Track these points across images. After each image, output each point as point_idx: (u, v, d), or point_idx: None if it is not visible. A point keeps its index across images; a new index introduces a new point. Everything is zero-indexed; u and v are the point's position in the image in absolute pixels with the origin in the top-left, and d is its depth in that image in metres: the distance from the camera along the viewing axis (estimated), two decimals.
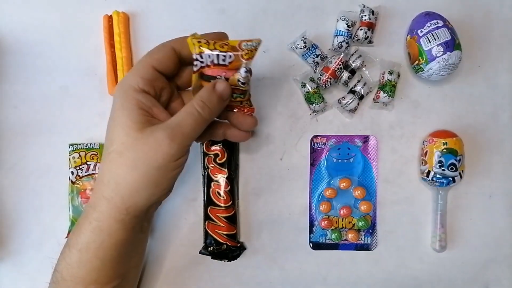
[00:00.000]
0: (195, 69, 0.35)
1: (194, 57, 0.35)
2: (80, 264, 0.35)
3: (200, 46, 0.34)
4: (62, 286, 0.35)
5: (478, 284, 0.46)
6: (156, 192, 0.34)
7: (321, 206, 0.45)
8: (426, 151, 0.45)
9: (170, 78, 0.37)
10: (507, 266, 0.46)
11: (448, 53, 0.42)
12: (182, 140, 0.33)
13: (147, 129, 0.33)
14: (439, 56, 0.42)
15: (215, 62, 0.35)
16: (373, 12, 0.45)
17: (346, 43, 0.45)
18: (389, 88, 0.45)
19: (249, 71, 0.35)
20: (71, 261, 0.35)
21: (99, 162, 0.45)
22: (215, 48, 0.34)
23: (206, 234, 0.44)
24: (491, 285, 0.46)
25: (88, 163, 0.45)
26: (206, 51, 0.35)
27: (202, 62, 0.35)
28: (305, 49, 0.45)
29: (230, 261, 0.45)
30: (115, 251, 0.35)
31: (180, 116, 0.34)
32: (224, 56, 0.35)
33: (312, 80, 0.45)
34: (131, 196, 0.33)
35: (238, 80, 0.35)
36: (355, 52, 0.45)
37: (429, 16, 0.43)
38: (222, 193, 0.44)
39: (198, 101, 0.34)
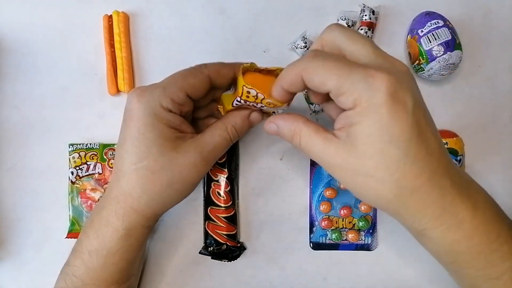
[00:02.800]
0: (233, 104, 0.36)
1: (238, 99, 0.34)
2: (104, 268, 0.35)
3: (248, 96, 0.34)
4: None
5: None
6: (182, 199, 0.37)
7: (321, 206, 0.45)
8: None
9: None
10: None
11: (448, 53, 0.42)
12: (213, 162, 0.37)
13: (181, 149, 0.34)
14: (440, 56, 0.42)
15: (256, 107, 0.36)
16: (373, 12, 0.45)
17: None
18: None
19: (287, 108, 0.36)
20: (94, 266, 0.35)
21: (99, 162, 0.45)
22: (261, 103, 0.34)
23: (206, 234, 0.44)
24: None
25: (88, 163, 0.45)
26: (250, 102, 0.34)
27: (245, 103, 0.35)
28: (306, 49, 0.45)
29: (230, 261, 0.45)
30: (139, 252, 0.38)
31: (215, 140, 0.35)
32: (267, 109, 0.36)
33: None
34: (162, 208, 0.36)
35: (273, 112, 0.37)
36: None
37: (430, 16, 0.43)
38: (222, 193, 0.44)
39: (231, 128, 0.36)
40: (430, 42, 0.42)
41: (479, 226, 0.30)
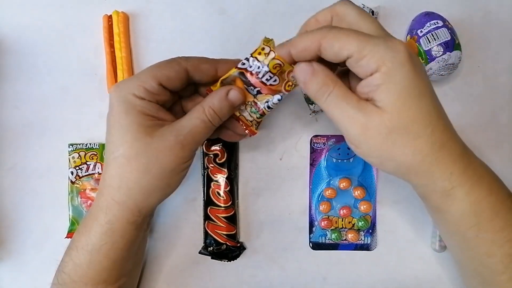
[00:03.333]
0: (238, 65, 0.35)
1: (247, 57, 0.34)
2: (90, 265, 0.35)
3: (259, 52, 0.34)
4: (71, 286, 0.36)
5: None
6: (167, 191, 0.35)
7: (321, 206, 0.45)
8: None
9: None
10: None
11: (447, 53, 0.42)
12: (192, 146, 0.34)
13: (156, 133, 0.33)
14: (439, 56, 0.42)
15: (259, 75, 0.35)
16: (372, 12, 0.45)
17: None
18: None
19: (281, 99, 0.36)
20: (80, 263, 0.35)
21: (99, 162, 0.45)
22: (268, 65, 0.34)
23: (206, 234, 0.45)
24: None
25: (87, 163, 0.45)
26: (258, 61, 0.34)
27: (250, 66, 0.34)
28: None
29: (230, 261, 0.45)
30: (126, 251, 0.36)
31: (191, 122, 0.34)
32: (270, 77, 0.35)
33: None
34: (144, 199, 0.34)
35: (267, 102, 0.36)
36: None
37: (429, 16, 0.43)
38: (222, 193, 0.44)
39: (209, 109, 0.34)
40: (430, 43, 0.42)
41: (494, 183, 0.32)
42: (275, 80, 0.35)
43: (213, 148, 0.45)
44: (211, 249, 0.44)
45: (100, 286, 0.36)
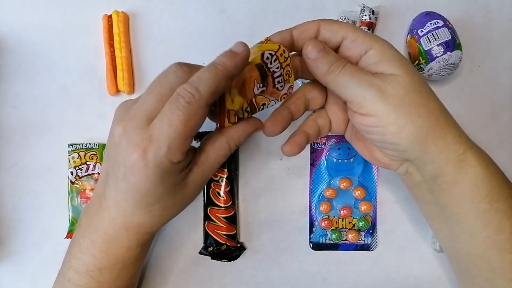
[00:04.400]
0: (264, 58, 0.33)
1: (270, 52, 0.33)
2: (118, 278, 0.36)
3: (281, 54, 0.33)
4: None
5: None
6: (171, 215, 0.37)
7: (321, 206, 0.45)
8: None
9: None
10: None
11: (448, 53, 0.42)
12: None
13: (190, 183, 0.34)
14: (439, 56, 0.42)
15: (274, 75, 0.34)
16: (373, 12, 0.45)
17: None
18: None
19: (272, 106, 0.36)
20: (107, 279, 0.36)
21: (98, 162, 0.45)
22: (284, 69, 0.34)
23: (206, 235, 0.44)
24: None
25: (87, 163, 0.45)
26: (279, 62, 0.34)
27: (271, 63, 0.33)
28: None
29: (230, 261, 0.45)
30: (142, 263, 0.40)
31: (218, 160, 0.35)
32: (280, 81, 0.35)
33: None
34: (152, 226, 0.36)
35: (264, 104, 0.35)
36: None
37: (429, 16, 0.43)
38: (222, 193, 0.44)
39: (233, 145, 0.35)
40: (430, 42, 0.42)
41: (486, 161, 0.34)
42: (281, 86, 0.35)
43: None
44: (211, 249, 0.44)
45: None
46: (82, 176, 0.45)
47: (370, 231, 0.46)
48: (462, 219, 0.34)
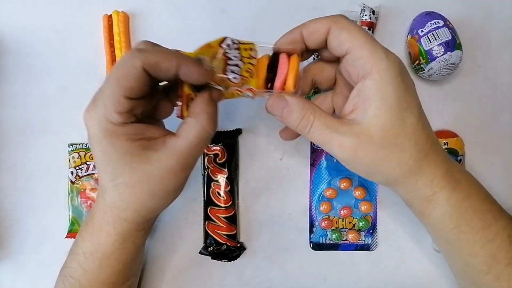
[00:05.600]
0: (223, 45, 0.33)
1: (234, 41, 0.34)
2: (101, 270, 0.35)
3: (250, 48, 0.33)
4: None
5: None
6: (172, 200, 0.35)
7: (321, 206, 0.45)
8: None
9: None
10: None
11: (448, 53, 0.42)
12: (194, 163, 0.33)
13: (154, 159, 0.31)
14: (440, 56, 0.42)
15: (229, 64, 0.33)
16: (373, 12, 0.45)
17: None
18: None
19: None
20: (90, 268, 0.35)
21: None
22: (243, 64, 0.33)
23: (206, 234, 0.44)
24: None
25: (87, 163, 0.45)
26: (239, 53, 0.33)
27: (230, 50, 0.33)
28: None
29: (230, 261, 0.45)
30: (136, 253, 0.37)
31: (190, 142, 0.31)
32: (232, 70, 0.33)
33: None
34: (151, 213, 0.35)
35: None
36: None
37: (430, 15, 0.43)
38: (222, 193, 0.44)
39: (206, 122, 0.32)
40: (430, 42, 0.42)
41: (472, 186, 0.34)
42: (235, 78, 0.32)
43: (213, 148, 0.45)
44: (211, 249, 0.44)
45: (110, 287, 0.36)
46: (82, 176, 0.45)
47: (370, 231, 0.46)
48: (437, 241, 0.37)
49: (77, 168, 0.45)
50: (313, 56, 0.43)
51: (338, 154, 0.32)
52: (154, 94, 0.34)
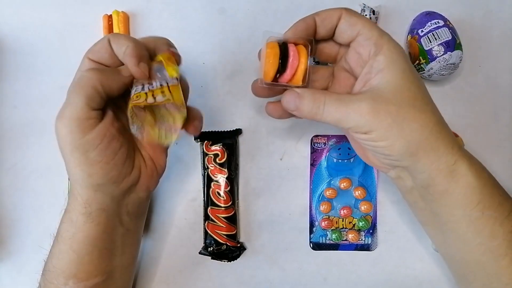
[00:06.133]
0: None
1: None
2: (59, 256, 0.35)
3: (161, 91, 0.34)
4: (47, 277, 0.36)
5: None
6: (100, 173, 0.33)
7: (321, 206, 0.45)
8: None
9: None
10: None
11: (448, 53, 0.42)
12: (82, 92, 0.33)
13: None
14: (440, 56, 0.42)
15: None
16: (373, 12, 0.45)
17: None
18: None
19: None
20: (53, 252, 0.36)
21: None
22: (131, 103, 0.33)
23: (206, 234, 0.44)
24: None
25: None
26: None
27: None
28: None
29: (230, 261, 0.45)
30: (90, 245, 0.35)
31: (77, 74, 0.35)
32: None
33: None
34: (81, 187, 0.34)
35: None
36: None
37: (430, 15, 0.43)
38: (222, 193, 0.44)
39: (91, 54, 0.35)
40: (430, 42, 0.42)
41: (477, 168, 0.34)
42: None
43: (213, 148, 0.45)
44: (211, 249, 0.44)
45: (71, 280, 0.35)
46: None
47: (370, 231, 0.46)
48: (455, 226, 0.35)
49: None
50: (313, 62, 0.44)
51: (359, 122, 0.32)
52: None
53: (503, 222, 0.33)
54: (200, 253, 0.45)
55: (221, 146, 0.44)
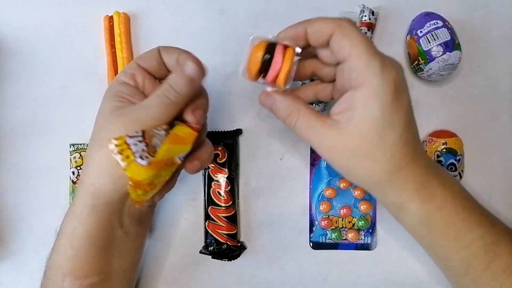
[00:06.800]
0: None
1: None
2: (58, 251, 0.35)
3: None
4: (47, 273, 0.36)
5: None
6: (122, 175, 0.32)
7: (321, 206, 0.45)
8: (426, 151, 0.45)
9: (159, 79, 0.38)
10: None
11: (447, 53, 0.42)
12: (147, 121, 0.33)
13: (117, 111, 0.33)
14: (439, 56, 0.42)
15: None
16: (373, 13, 0.45)
17: None
18: None
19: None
20: (53, 248, 0.36)
21: None
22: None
23: (207, 234, 0.45)
24: None
25: None
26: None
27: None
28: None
29: (230, 260, 0.45)
30: (87, 242, 0.35)
31: (149, 98, 0.34)
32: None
33: (313, 80, 0.45)
34: (98, 176, 0.33)
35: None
36: None
37: (429, 16, 0.44)
38: (222, 192, 0.44)
39: (165, 84, 0.34)
40: (429, 43, 0.42)
41: (447, 199, 0.34)
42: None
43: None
44: (211, 248, 0.44)
45: (69, 278, 0.35)
46: None
47: (370, 230, 0.46)
48: (415, 243, 0.38)
49: (79, 168, 0.45)
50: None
51: (317, 152, 0.34)
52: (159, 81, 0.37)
53: (459, 251, 0.34)
54: (200, 252, 0.45)
55: (221, 146, 0.45)
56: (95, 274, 0.36)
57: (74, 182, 0.45)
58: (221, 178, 0.44)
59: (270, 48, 0.34)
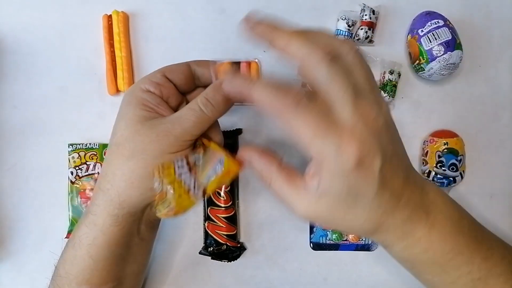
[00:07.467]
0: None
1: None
2: (74, 261, 0.35)
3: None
4: (58, 283, 0.35)
5: None
6: (152, 188, 0.33)
7: None
8: (427, 151, 0.44)
9: (183, 93, 0.37)
10: None
11: (448, 52, 0.42)
12: (181, 134, 0.33)
13: (147, 122, 0.33)
14: (440, 56, 0.42)
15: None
16: (373, 12, 0.45)
17: None
18: (389, 88, 0.45)
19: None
20: (66, 257, 0.35)
21: (98, 162, 0.45)
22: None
23: (206, 235, 0.44)
24: None
25: (87, 163, 0.45)
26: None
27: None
28: None
29: (230, 261, 0.45)
30: (108, 251, 0.35)
31: (183, 111, 0.33)
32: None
33: None
34: (126, 187, 0.33)
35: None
36: None
37: (430, 15, 0.43)
38: (222, 193, 0.44)
39: (202, 98, 0.34)
40: (430, 42, 0.42)
41: (434, 241, 0.32)
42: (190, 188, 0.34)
43: None
44: (211, 249, 0.44)
45: (84, 286, 0.35)
46: (82, 176, 0.45)
47: None
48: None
49: (77, 168, 0.45)
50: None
51: (293, 208, 0.32)
52: (183, 99, 0.37)
53: (446, 286, 0.34)
54: (200, 253, 0.45)
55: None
56: (110, 280, 0.36)
57: (72, 182, 0.45)
58: None
59: (235, 66, 0.35)
